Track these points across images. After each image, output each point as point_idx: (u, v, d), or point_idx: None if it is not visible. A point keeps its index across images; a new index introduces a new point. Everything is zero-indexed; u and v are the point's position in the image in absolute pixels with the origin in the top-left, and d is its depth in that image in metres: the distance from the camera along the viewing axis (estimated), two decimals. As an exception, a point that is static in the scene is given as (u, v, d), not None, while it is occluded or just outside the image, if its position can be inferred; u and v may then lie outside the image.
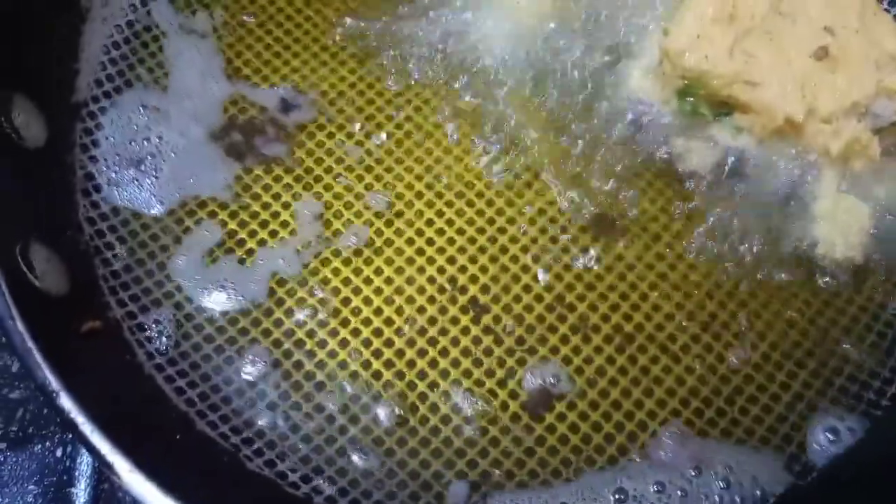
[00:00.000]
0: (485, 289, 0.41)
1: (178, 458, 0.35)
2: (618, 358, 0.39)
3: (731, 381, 0.39)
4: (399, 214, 0.43)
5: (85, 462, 0.46)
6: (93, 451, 0.30)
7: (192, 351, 0.38)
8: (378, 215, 0.43)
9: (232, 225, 0.42)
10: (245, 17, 0.48)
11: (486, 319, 0.40)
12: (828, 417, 0.39)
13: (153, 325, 0.39)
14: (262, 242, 0.41)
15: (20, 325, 0.32)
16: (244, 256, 0.41)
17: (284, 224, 0.42)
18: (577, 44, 0.46)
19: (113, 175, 0.43)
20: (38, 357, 0.31)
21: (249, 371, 0.38)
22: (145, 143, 0.44)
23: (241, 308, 0.40)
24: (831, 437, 0.38)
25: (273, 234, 0.42)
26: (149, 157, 0.43)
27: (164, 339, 0.38)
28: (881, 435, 0.38)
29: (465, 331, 0.40)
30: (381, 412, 0.37)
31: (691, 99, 0.43)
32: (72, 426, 0.30)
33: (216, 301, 0.40)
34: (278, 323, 0.39)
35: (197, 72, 0.45)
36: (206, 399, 0.37)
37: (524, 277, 0.41)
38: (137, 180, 0.43)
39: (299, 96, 0.46)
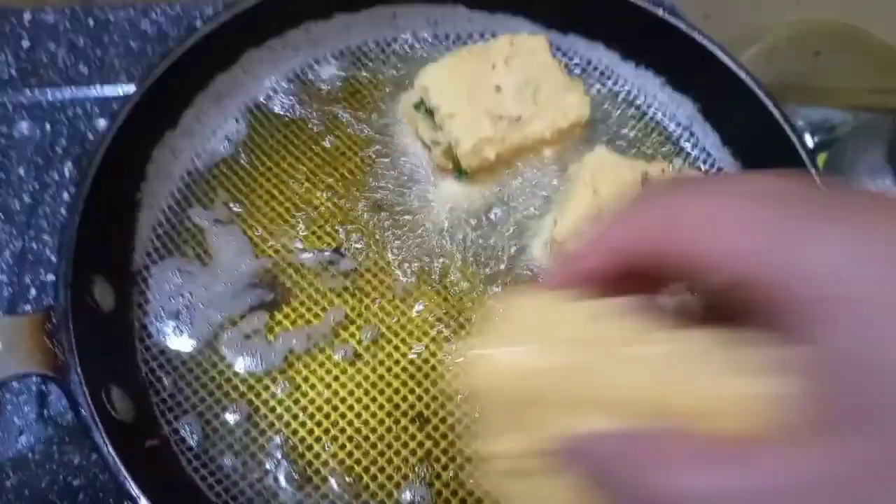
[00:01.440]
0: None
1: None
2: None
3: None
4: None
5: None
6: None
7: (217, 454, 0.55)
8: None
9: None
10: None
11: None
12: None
13: (192, 436, 0.55)
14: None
15: (110, 449, 0.48)
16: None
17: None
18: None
19: (159, 325, 0.60)
20: (122, 470, 0.48)
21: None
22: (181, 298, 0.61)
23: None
24: None
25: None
26: (184, 310, 0.60)
27: (195, 444, 0.55)
28: None
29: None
30: None
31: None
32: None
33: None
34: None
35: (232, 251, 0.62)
36: (229, 491, 0.53)
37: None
38: (178, 328, 0.60)
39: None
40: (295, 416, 0.56)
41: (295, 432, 0.56)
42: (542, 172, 0.66)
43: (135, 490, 0.47)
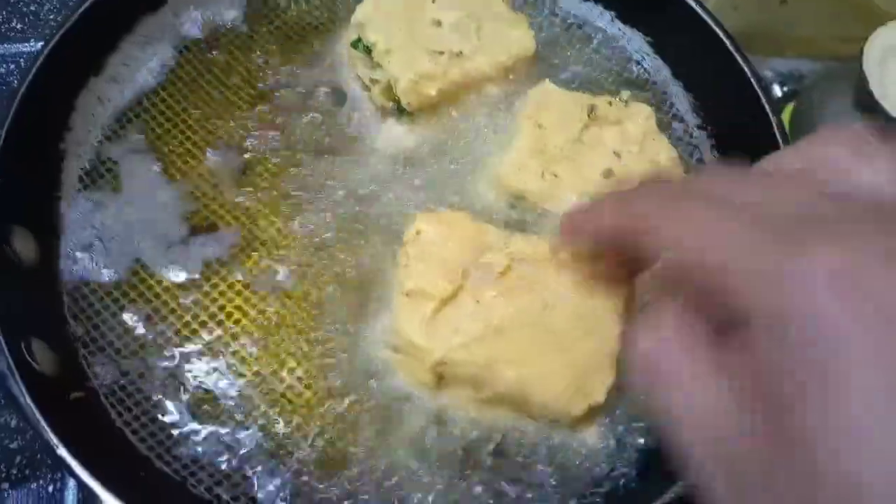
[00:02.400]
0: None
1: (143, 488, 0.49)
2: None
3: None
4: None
5: (71, 496, 0.60)
6: (82, 484, 0.44)
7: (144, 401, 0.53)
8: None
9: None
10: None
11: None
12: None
13: (119, 390, 0.53)
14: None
15: (29, 401, 0.46)
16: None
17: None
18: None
19: (83, 270, 0.57)
20: (42, 423, 0.46)
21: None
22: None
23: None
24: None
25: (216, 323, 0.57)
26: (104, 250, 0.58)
27: (126, 400, 0.53)
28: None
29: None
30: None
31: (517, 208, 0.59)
32: (69, 469, 0.45)
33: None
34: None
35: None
36: (160, 442, 0.52)
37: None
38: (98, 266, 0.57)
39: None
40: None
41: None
42: (488, 109, 0.64)
43: (53, 440, 0.45)
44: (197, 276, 0.57)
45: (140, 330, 0.55)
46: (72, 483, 0.61)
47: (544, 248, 0.53)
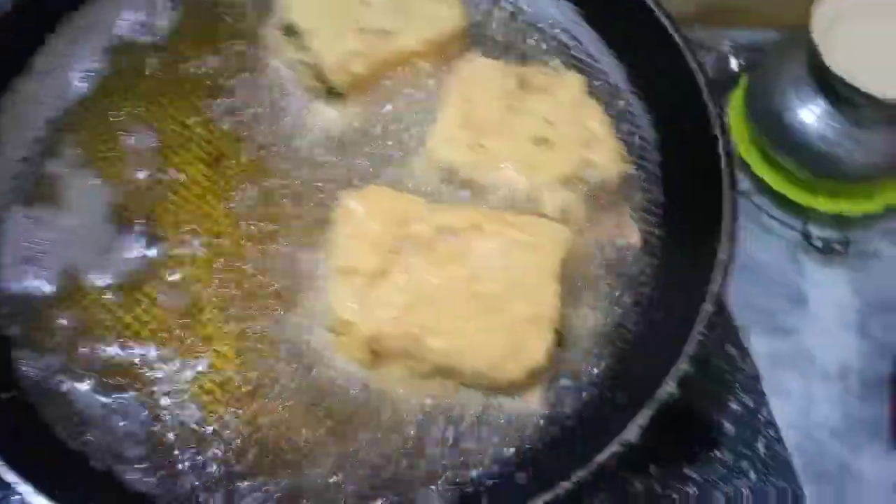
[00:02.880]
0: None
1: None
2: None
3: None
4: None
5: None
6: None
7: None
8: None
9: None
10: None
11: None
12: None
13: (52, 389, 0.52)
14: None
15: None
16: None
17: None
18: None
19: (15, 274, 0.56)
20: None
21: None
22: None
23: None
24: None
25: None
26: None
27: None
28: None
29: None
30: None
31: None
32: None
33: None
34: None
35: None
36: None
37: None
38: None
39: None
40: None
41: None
42: (419, 86, 0.63)
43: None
44: (125, 276, 0.56)
45: (69, 328, 0.54)
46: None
47: (470, 217, 0.53)
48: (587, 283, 0.57)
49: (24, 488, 0.43)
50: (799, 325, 0.76)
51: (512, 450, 0.51)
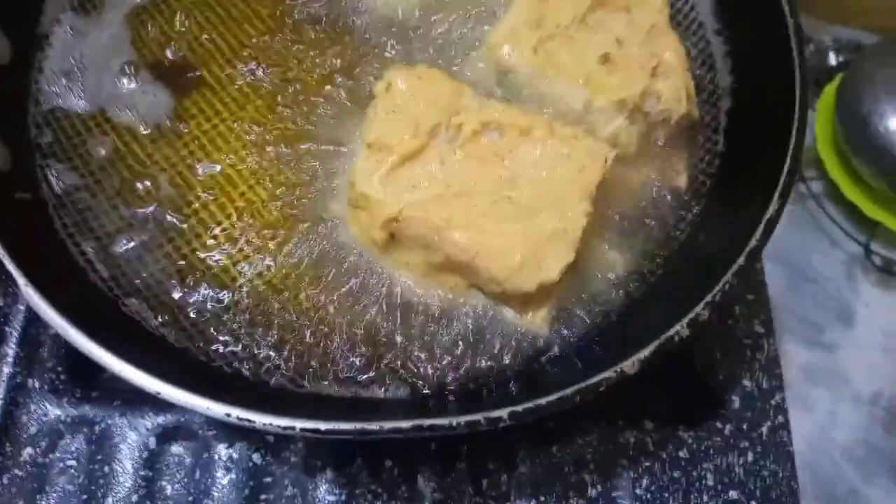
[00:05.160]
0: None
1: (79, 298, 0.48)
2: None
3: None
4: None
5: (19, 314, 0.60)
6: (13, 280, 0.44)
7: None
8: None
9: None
10: None
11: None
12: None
13: (70, 204, 0.52)
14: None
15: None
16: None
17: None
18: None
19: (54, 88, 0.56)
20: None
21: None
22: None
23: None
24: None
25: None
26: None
27: (73, 211, 0.52)
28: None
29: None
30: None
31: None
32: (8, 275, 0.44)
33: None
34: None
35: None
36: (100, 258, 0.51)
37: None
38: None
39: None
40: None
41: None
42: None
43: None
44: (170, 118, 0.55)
45: (102, 154, 0.54)
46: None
47: (520, 119, 0.50)
48: (619, 215, 0.54)
49: (21, 280, 0.43)
50: (841, 342, 0.73)
51: (507, 359, 0.49)
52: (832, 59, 0.86)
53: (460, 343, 0.49)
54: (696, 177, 0.56)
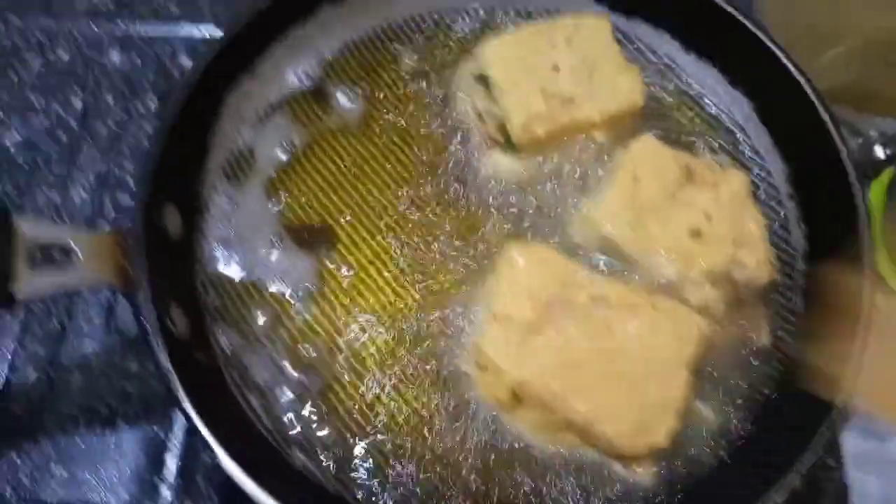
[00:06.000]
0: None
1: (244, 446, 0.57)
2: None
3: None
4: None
5: (176, 441, 0.68)
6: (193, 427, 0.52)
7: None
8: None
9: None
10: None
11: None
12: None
13: (230, 350, 0.61)
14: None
15: (165, 360, 0.54)
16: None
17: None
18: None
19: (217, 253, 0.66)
20: (174, 378, 0.54)
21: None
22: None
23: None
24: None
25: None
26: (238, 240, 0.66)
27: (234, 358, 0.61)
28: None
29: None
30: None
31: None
32: (185, 414, 0.53)
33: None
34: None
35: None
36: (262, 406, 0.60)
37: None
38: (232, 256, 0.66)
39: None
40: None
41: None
42: (590, 155, 0.69)
43: (181, 393, 0.53)
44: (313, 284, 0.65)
45: (259, 322, 0.63)
46: (177, 429, 0.69)
47: (625, 295, 0.58)
48: (712, 376, 0.61)
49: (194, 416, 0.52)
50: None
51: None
52: (880, 153, 0.91)
53: (579, 492, 0.57)
54: (781, 336, 0.63)
